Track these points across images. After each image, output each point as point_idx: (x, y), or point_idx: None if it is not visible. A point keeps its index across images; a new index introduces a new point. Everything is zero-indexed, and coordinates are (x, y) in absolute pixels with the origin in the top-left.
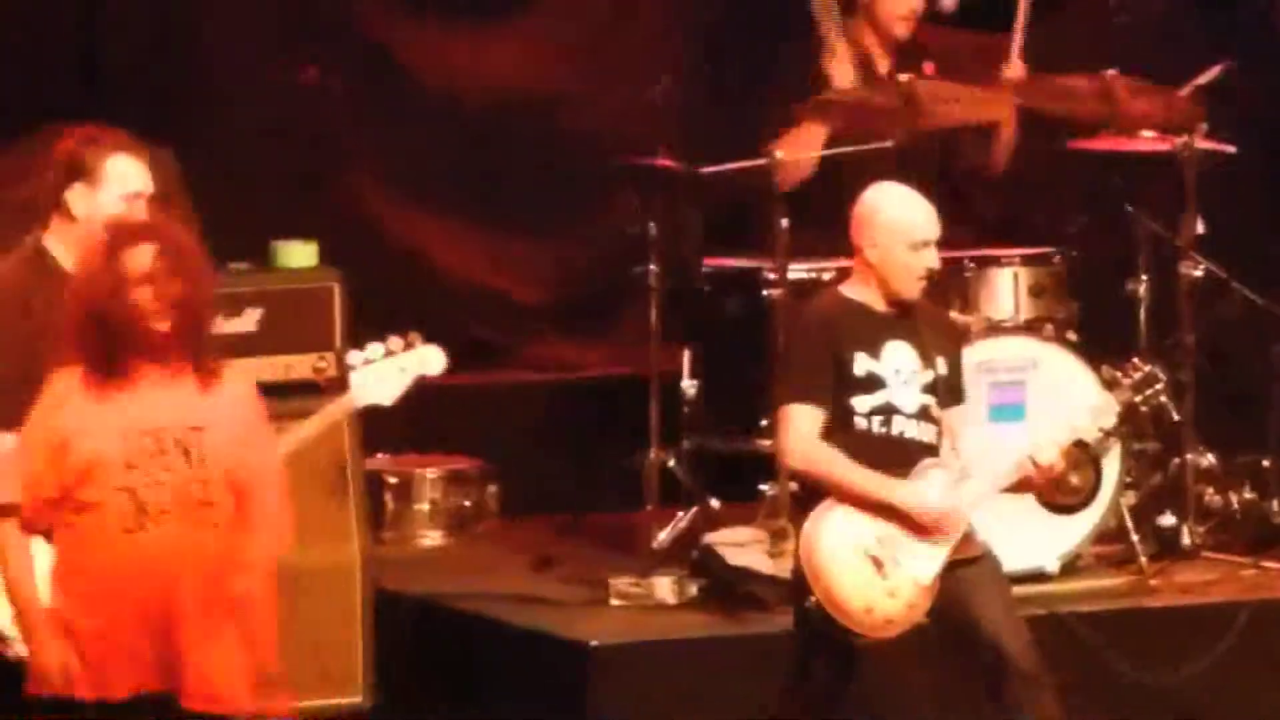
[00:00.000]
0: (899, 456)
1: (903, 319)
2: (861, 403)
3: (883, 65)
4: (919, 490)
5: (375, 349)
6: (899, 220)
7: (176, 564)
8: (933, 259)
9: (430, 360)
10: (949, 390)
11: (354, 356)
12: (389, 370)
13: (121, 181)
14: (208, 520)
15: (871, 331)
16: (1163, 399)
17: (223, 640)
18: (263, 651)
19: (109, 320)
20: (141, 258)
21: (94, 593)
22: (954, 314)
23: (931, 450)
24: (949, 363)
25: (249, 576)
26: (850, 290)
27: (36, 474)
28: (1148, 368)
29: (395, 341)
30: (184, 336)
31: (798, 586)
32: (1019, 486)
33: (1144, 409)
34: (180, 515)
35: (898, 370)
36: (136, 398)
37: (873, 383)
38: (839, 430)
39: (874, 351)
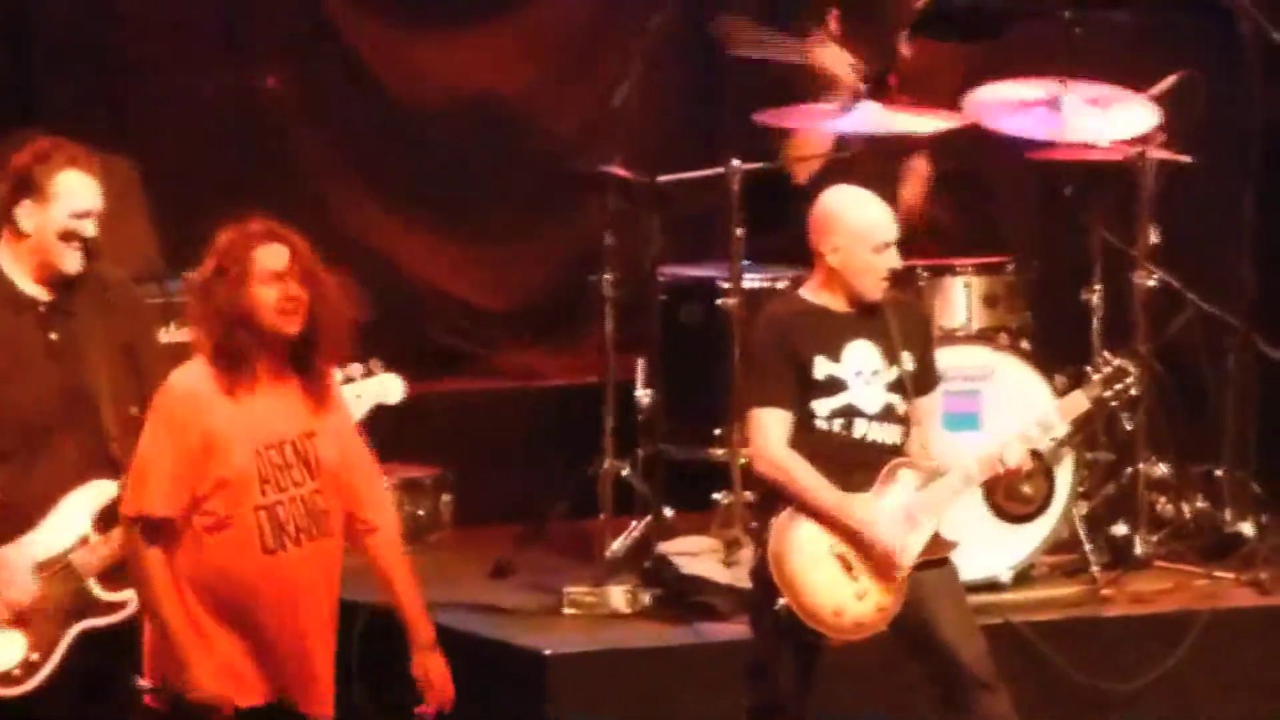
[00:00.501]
0: (861, 458)
1: (865, 317)
2: (822, 405)
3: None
4: (877, 511)
5: (335, 374)
6: (861, 223)
7: (310, 578)
8: (894, 259)
9: (389, 389)
10: (917, 382)
11: None
12: (346, 396)
13: (71, 198)
14: (328, 529)
15: (831, 333)
16: (1134, 392)
17: (330, 643)
18: (424, 622)
19: (236, 318)
20: (275, 258)
21: (232, 607)
22: None
23: (896, 451)
24: (916, 356)
25: (389, 554)
26: (809, 293)
27: (178, 480)
28: (1118, 361)
29: (356, 368)
30: (308, 341)
31: (763, 590)
32: (986, 484)
33: (1114, 404)
34: (312, 529)
35: (859, 371)
36: (260, 404)
37: (833, 385)
38: (802, 433)
39: (834, 354)
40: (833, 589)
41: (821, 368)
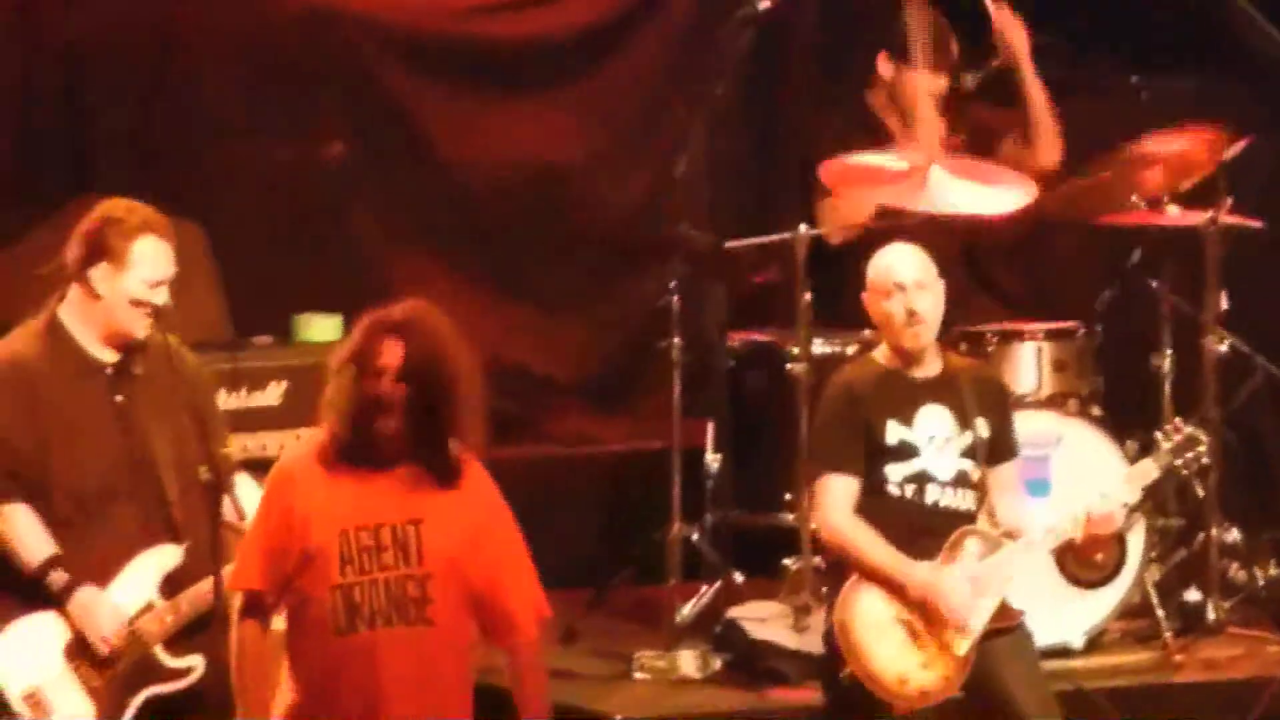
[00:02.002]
0: (931, 524)
1: (940, 382)
2: (894, 471)
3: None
4: (943, 577)
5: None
6: (875, 270)
7: (385, 663)
8: (913, 300)
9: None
10: (995, 449)
11: None
12: None
13: (145, 266)
14: (422, 617)
15: (904, 398)
16: (1204, 461)
17: None
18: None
19: (348, 404)
20: (387, 354)
21: (318, 690)
22: None
23: (968, 518)
24: (992, 423)
25: (518, 663)
26: (881, 357)
27: (267, 555)
28: (1188, 430)
29: None
30: (411, 436)
31: (830, 657)
32: (1058, 550)
33: (1184, 472)
34: (392, 614)
35: (931, 437)
36: (363, 486)
37: (905, 451)
38: (873, 498)
39: (906, 418)
40: (898, 657)
41: (894, 433)
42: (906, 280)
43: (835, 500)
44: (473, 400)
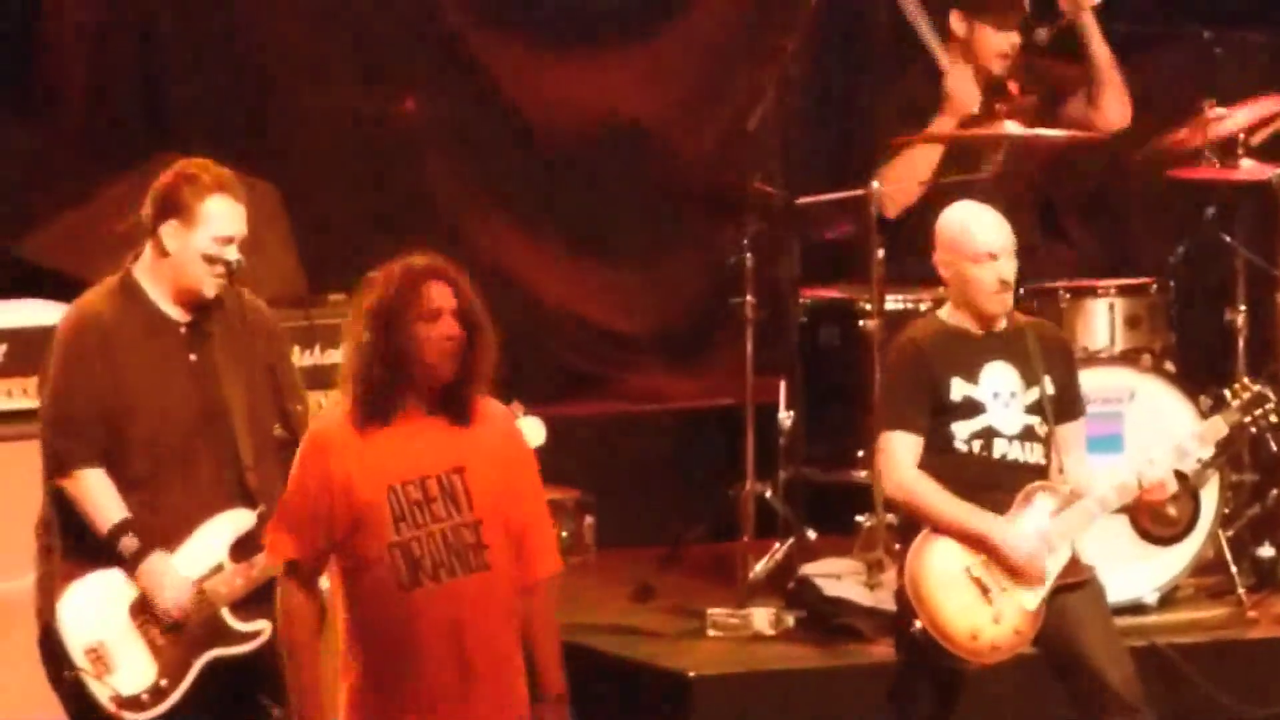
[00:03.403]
0: (1002, 479)
1: (1004, 339)
2: (961, 428)
3: (975, 98)
4: (1013, 528)
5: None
6: (956, 235)
7: (456, 614)
8: (1002, 269)
9: (531, 433)
10: (1059, 408)
11: None
12: None
13: (215, 223)
14: (481, 563)
15: (968, 355)
16: (1273, 418)
17: (506, 678)
18: (551, 674)
19: (393, 356)
20: (439, 295)
21: (386, 650)
22: None
23: (1039, 471)
24: (1058, 380)
25: (533, 602)
26: (947, 315)
27: (306, 523)
28: (1257, 388)
29: None
30: (458, 384)
31: (902, 612)
32: (1124, 510)
33: (1253, 430)
34: (454, 564)
35: (996, 393)
36: (399, 441)
37: (971, 407)
38: (941, 455)
39: (971, 375)
40: (968, 612)
41: (959, 389)
42: (998, 249)
43: (900, 458)
44: (492, 351)
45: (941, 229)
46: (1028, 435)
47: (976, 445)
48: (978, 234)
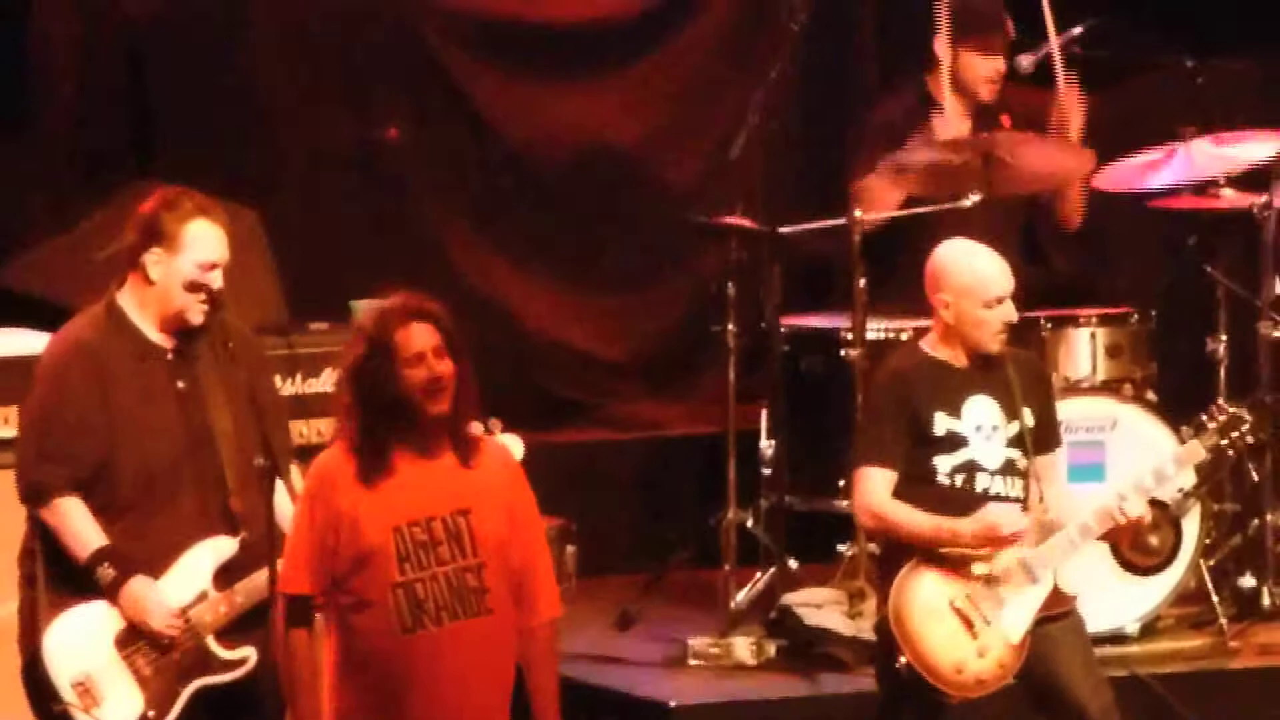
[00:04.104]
0: None
1: (985, 372)
2: (943, 462)
3: (964, 127)
4: (988, 511)
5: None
6: (971, 279)
7: (452, 657)
8: (1009, 313)
9: (510, 449)
10: (1038, 439)
11: None
12: None
13: (199, 248)
14: (484, 608)
15: (951, 389)
16: (1249, 439)
17: None
18: (549, 717)
19: (383, 401)
20: (420, 337)
21: (381, 692)
22: None
23: (1018, 505)
24: (1037, 411)
25: (534, 645)
26: (929, 347)
27: (313, 558)
28: (1233, 409)
29: (476, 427)
30: (454, 417)
31: (885, 646)
32: (1105, 537)
33: (1230, 451)
34: (456, 607)
35: (979, 427)
36: (403, 482)
37: (954, 442)
38: (923, 489)
39: (954, 409)
40: (953, 646)
41: (941, 424)
42: (1005, 294)
43: (872, 489)
44: (473, 379)
45: (949, 272)
46: (1008, 469)
47: (959, 479)
48: (990, 281)
